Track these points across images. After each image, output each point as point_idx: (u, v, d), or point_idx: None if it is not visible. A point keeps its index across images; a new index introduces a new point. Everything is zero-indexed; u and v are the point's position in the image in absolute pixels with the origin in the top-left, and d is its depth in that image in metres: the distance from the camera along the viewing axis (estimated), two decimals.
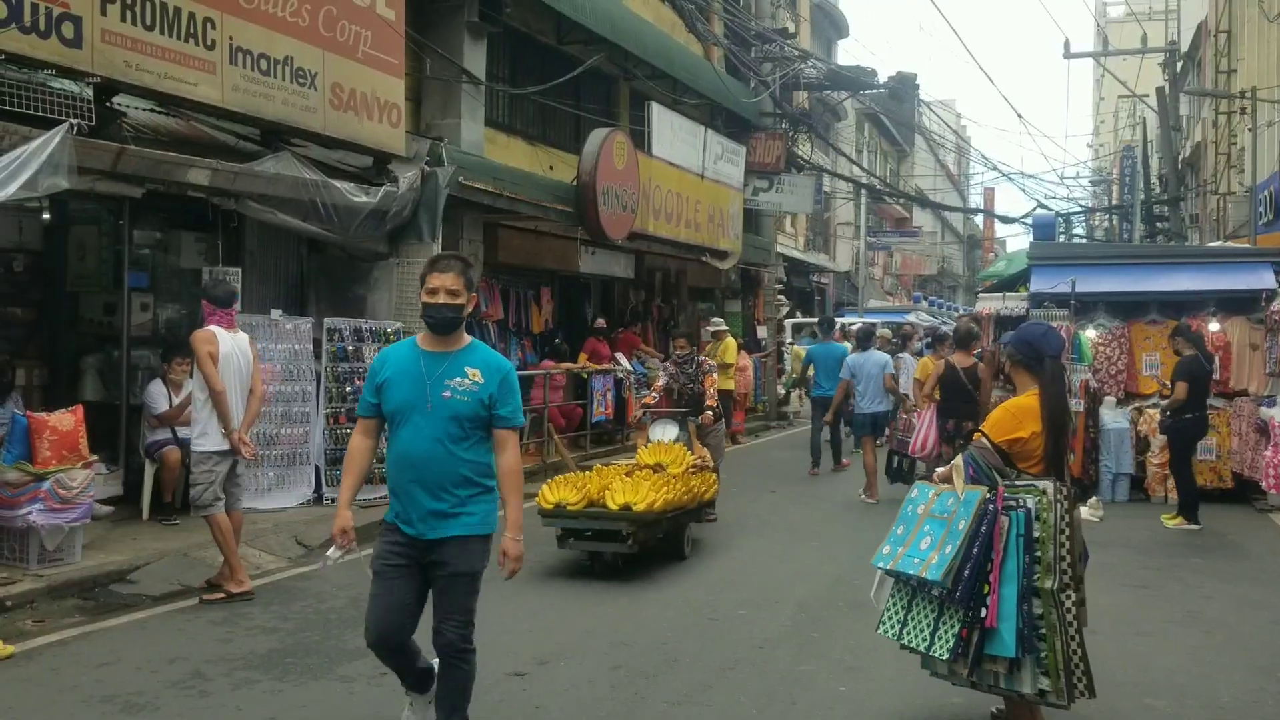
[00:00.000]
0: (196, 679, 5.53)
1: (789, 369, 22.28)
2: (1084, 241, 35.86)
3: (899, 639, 4.73)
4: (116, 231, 9.82)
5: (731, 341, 17.29)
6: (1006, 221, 41.97)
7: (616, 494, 7.86)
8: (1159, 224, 28.20)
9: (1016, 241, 57.90)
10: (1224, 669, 5.88)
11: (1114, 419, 11.87)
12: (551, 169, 15.18)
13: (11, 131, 7.00)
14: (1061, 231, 30.94)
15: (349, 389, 10.37)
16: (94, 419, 8.18)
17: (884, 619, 4.81)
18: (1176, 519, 10.19)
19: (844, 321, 21.65)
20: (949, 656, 4.48)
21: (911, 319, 24.63)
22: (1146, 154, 29.89)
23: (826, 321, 17.96)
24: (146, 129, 8.78)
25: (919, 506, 4.73)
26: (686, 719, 5.09)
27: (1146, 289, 12.51)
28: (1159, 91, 25.98)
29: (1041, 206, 30.06)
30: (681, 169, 16.92)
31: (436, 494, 4.16)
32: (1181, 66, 27.64)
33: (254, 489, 9.65)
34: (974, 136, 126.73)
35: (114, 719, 5.01)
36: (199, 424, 7.17)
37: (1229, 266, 13.02)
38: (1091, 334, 12.21)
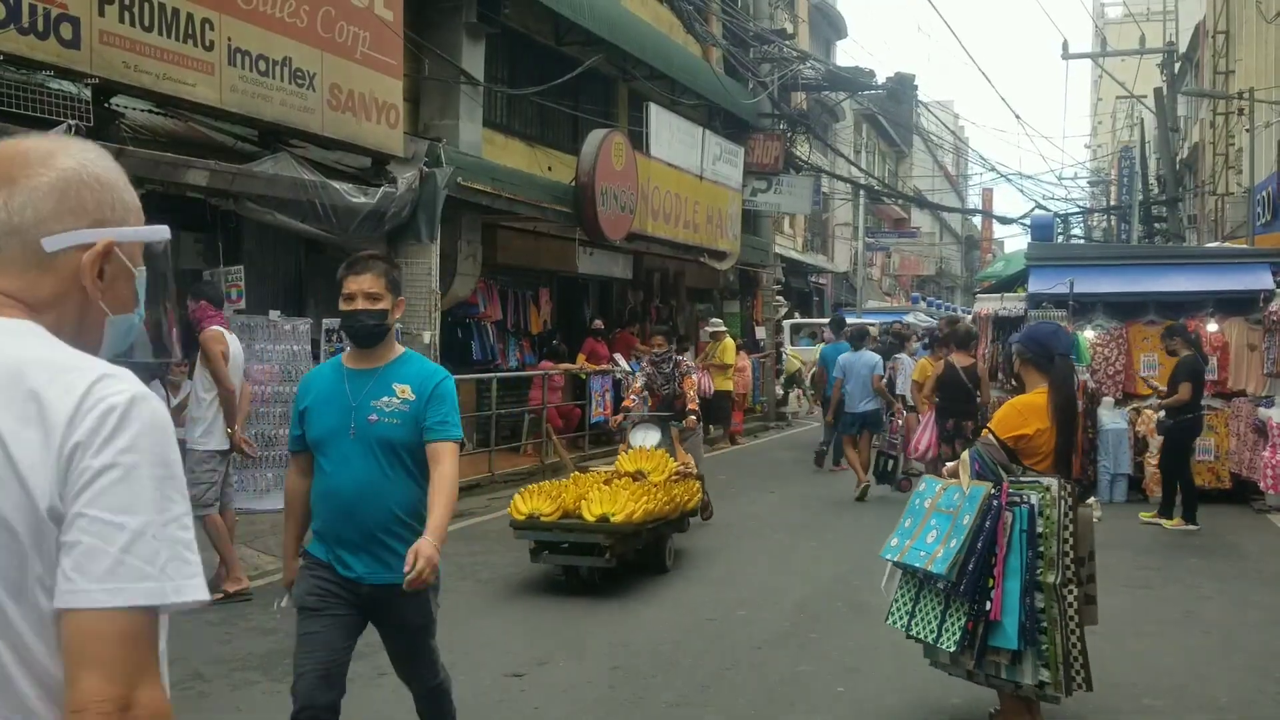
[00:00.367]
0: (195, 680, 5.53)
1: (787, 370, 22.30)
2: (1082, 242, 35.86)
3: (907, 630, 4.79)
4: None
5: (730, 342, 17.31)
6: (1005, 222, 42.04)
7: (593, 504, 7.35)
8: (1157, 225, 28.22)
9: (1014, 242, 57.87)
10: (1222, 669, 5.89)
11: (1112, 419, 11.88)
12: (550, 170, 15.18)
13: (10, 133, 6.95)
14: (1060, 232, 30.93)
15: None
16: None
17: (892, 610, 4.88)
18: (1175, 520, 10.18)
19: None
20: (956, 648, 4.54)
21: (909, 319, 24.63)
22: (1144, 155, 29.89)
23: (838, 321, 18.03)
24: (145, 130, 8.78)
25: (926, 500, 4.80)
26: (685, 719, 5.09)
27: (1144, 290, 12.52)
28: (1157, 92, 25.99)
29: (1040, 207, 30.10)
30: (680, 170, 16.92)
31: (370, 537, 3.57)
32: (1179, 67, 27.66)
33: (252, 489, 9.66)
34: (972, 137, 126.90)
35: None
36: (202, 423, 7.18)
37: (1227, 267, 13.04)
38: (1090, 335, 12.21)
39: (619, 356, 15.90)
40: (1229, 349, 11.96)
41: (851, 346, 12.82)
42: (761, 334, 22.48)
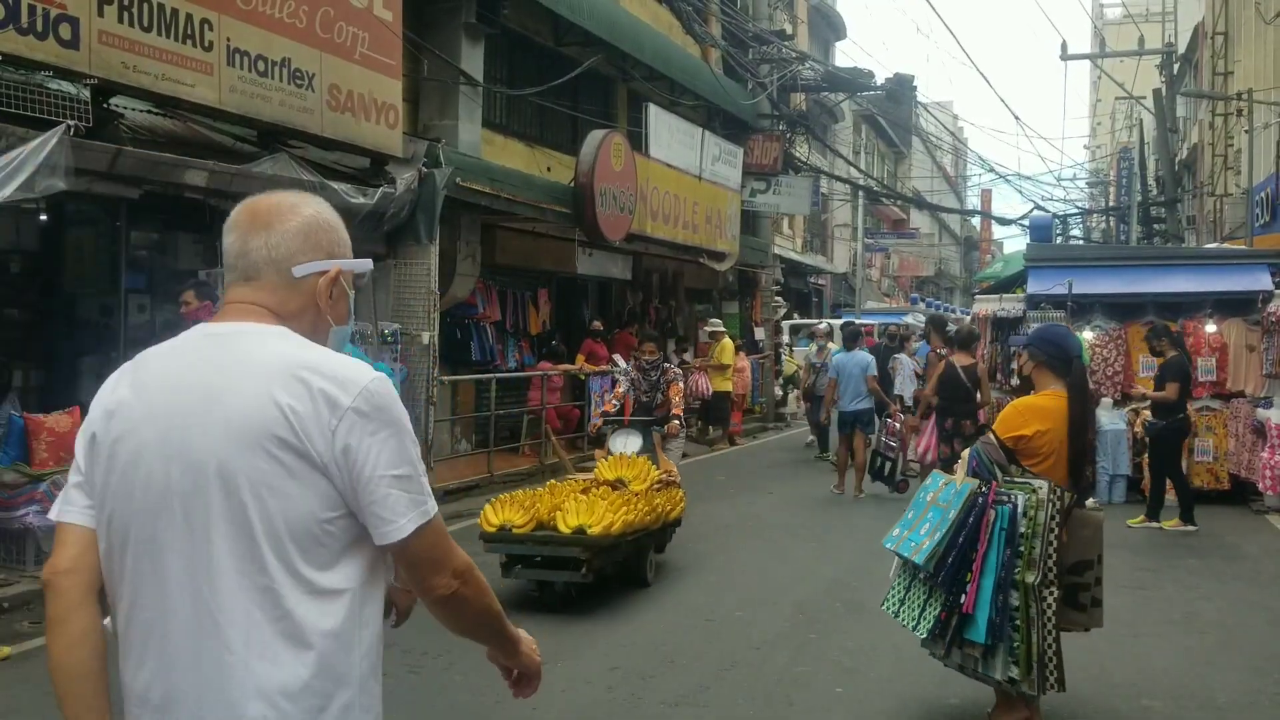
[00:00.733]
0: None
1: (786, 371, 22.31)
2: (1081, 243, 35.87)
3: (896, 615, 4.91)
4: (114, 233, 9.81)
5: (728, 342, 17.33)
6: (1004, 223, 42.11)
7: (569, 515, 6.91)
8: (1156, 225, 28.25)
9: (1013, 243, 57.82)
10: (1220, 670, 5.89)
11: (1111, 420, 11.87)
12: (549, 170, 15.19)
13: (8, 133, 7.00)
14: (1058, 233, 30.96)
15: None
16: None
17: (888, 596, 5.00)
18: (1174, 521, 10.17)
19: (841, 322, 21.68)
20: (926, 636, 4.71)
21: (908, 320, 24.66)
22: (1143, 156, 29.92)
23: (853, 334, 18.19)
24: (144, 130, 8.78)
25: (929, 494, 4.91)
26: None
27: (1143, 290, 12.52)
28: (1156, 93, 26.01)
29: (1039, 208, 30.13)
30: (679, 170, 16.93)
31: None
32: (1178, 68, 27.69)
33: None
34: (971, 138, 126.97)
35: None
36: None
37: (1226, 268, 13.05)
38: (1088, 335, 12.21)
39: (618, 357, 15.90)
40: (1228, 350, 11.96)
41: (844, 347, 13.03)
42: (760, 335, 22.50)
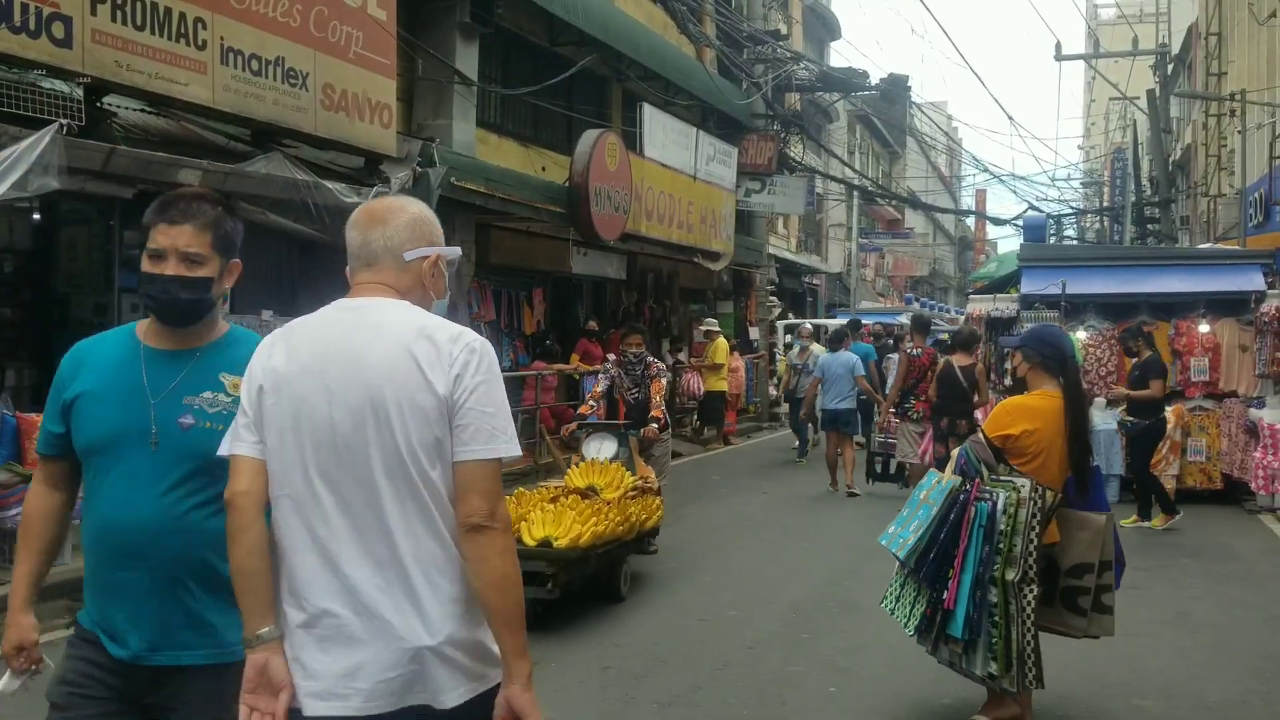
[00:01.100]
0: None
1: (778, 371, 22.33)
2: (1075, 243, 35.94)
3: (892, 611, 4.96)
4: (107, 232, 9.79)
5: (723, 342, 17.33)
6: (998, 223, 42.35)
7: (535, 526, 6.52)
8: (1149, 226, 28.30)
9: (1007, 243, 57.94)
10: (1212, 669, 5.91)
11: (1103, 420, 11.89)
12: (544, 170, 15.18)
13: (1, 132, 6.99)
14: (1052, 233, 31.02)
15: None
16: None
17: (886, 593, 5.05)
18: (1160, 518, 10.16)
19: (837, 323, 21.71)
20: (913, 632, 4.80)
21: (903, 320, 24.68)
22: (1137, 156, 29.97)
23: (854, 323, 18.35)
24: (137, 129, 8.76)
25: (922, 492, 4.95)
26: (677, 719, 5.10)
27: (1137, 291, 12.55)
28: (1150, 94, 26.06)
29: (1033, 208, 30.14)
30: (674, 170, 16.93)
31: (166, 591, 2.49)
32: (1172, 69, 27.77)
33: None
34: (965, 138, 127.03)
35: None
36: None
37: (1219, 268, 13.07)
38: (1082, 335, 12.24)
39: (612, 357, 15.89)
40: (1221, 350, 11.99)
41: (830, 347, 13.21)
42: (755, 334, 22.50)
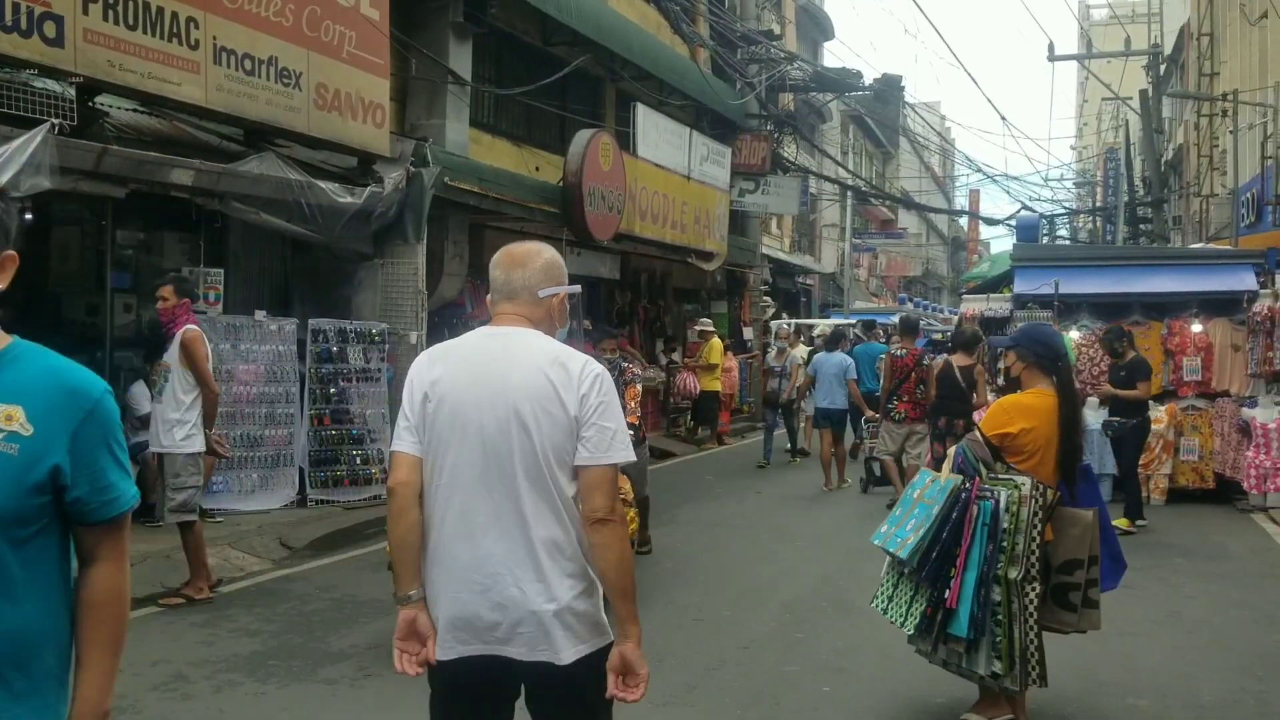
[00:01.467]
0: (179, 681, 5.51)
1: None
2: (1067, 243, 36.00)
3: (884, 612, 4.93)
4: (99, 232, 9.77)
5: (717, 342, 17.32)
6: (991, 223, 42.26)
7: None
8: (1142, 226, 28.36)
9: (1000, 243, 58.06)
10: (1205, 668, 5.92)
11: (1096, 420, 11.90)
12: (537, 170, 15.16)
13: None
14: (1045, 233, 31.06)
15: (333, 390, 10.35)
16: None
17: (877, 593, 5.02)
18: (1123, 521, 10.06)
19: (835, 323, 21.73)
20: (914, 632, 4.75)
21: (893, 320, 24.70)
22: (1130, 156, 30.05)
23: (869, 324, 18.35)
24: (129, 129, 8.74)
25: (916, 491, 4.94)
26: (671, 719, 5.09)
27: (1129, 290, 12.56)
28: (1142, 94, 26.14)
29: (1025, 208, 30.17)
30: (667, 170, 16.92)
31: None
32: (1164, 69, 27.82)
33: (238, 490, 9.64)
34: (958, 139, 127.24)
35: None
36: (183, 426, 7.02)
37: (1211, 268, 13.09)
38: (1075, 335, 12.25)
39: None
40: (1213, 349, 12.01)
41: (827, 347, 13.37)
42: (749, 334, 22.50)
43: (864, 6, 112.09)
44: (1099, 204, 35.78)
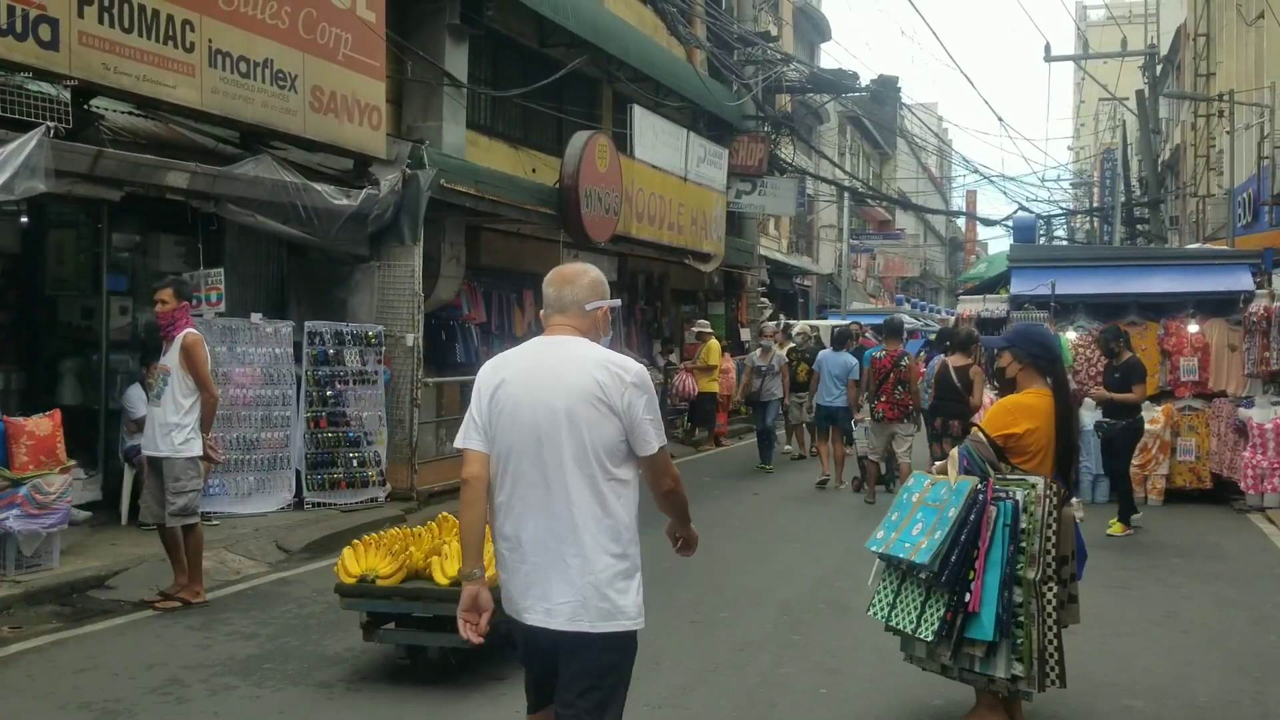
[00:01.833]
0: (174, 685, 5.50)
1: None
2: (1064, 244, 36.00)
3: (887, 621, 4.85)
4: (95, 235, 9.77)
5: (715, 344, 17.32)
6: (988, 224, 42.23)
7: (449, 562, 5.48)
8: (1139, 226, 28.37)
9: (998, 244, 58.06)
10: (1202, 669, 5.91)
11: (1091, 420, 11.90)
12: (534, 171, 15.16)
13: None
14: (1042, 234, 31.05)
15: (329, 392, 10.34)
16: (72, 423, 8.12)
17: (874, 601, 4.94)
18: (1118, 526, 10.03)
19: (831, 323, 21.72)
20: (934, 639, 4.61)
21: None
22: (1126, 157, 30.05)
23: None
24: (125, 132, 8.74)
25: (914, 495, 4.89)
26: None
27: (1126, 291, 12.57)
28: (1139, 95, 26.14)
29: (1022, 209, 30.20)
30: (664, 172, 16.92)
31: None
32: (1161, 70, 27.83)
33: (234, 493, 9.63)
34: (955, 139, 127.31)
35: None
36: (183, 430, 6.98)
37: (1208, 268, 13.10)
38: (1071, 336, 12.25)
39: None
40: (1210, 350, 12.01)
41: (833, 347, 13.30)
42: (746, 335, 22.49)
43: (860, 7, 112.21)
44: (1096, 204, 35.84)
